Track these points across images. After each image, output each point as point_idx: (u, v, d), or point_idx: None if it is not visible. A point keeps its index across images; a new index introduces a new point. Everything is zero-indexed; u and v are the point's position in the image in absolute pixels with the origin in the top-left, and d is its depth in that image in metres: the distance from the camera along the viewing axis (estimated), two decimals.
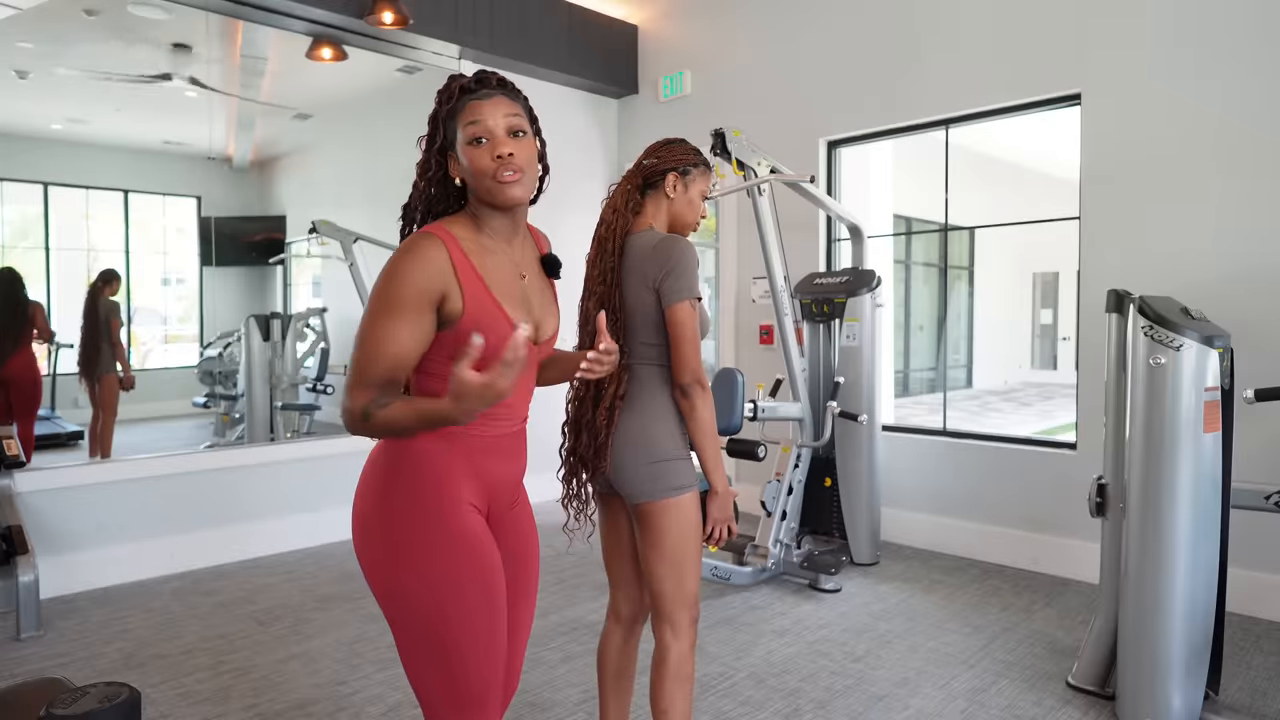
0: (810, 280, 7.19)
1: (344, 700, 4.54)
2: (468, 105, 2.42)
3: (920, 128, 7.54)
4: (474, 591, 2.41)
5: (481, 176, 2.40)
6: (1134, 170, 6.15)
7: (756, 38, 8.56)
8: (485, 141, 2.39)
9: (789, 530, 6.49)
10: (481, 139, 2.39)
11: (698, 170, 3.40)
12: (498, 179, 2.39)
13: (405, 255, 2.33)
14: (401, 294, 2.28)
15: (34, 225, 7.04)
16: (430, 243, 2.35)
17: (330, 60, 7.91)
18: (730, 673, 4.85)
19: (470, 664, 2.41)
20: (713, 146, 6.48)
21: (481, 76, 2.47)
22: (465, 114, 2.42)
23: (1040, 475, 6.68)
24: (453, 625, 2.39)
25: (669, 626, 3.16)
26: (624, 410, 3.14)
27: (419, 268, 2.30)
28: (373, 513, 2.45)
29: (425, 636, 2.41)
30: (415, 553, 2.39)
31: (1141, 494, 4.06)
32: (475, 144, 2.40)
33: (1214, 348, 3.95)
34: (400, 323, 2.27)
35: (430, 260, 2.32)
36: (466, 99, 2.43)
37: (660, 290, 3.09)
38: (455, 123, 2.44)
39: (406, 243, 2.39)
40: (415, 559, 2.39)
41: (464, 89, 2.45)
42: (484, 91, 2.44)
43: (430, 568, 2.38)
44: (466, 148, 2.41)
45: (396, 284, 2.29)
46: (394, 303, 2.28)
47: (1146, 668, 4.04)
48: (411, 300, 2.28)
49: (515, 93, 2.51)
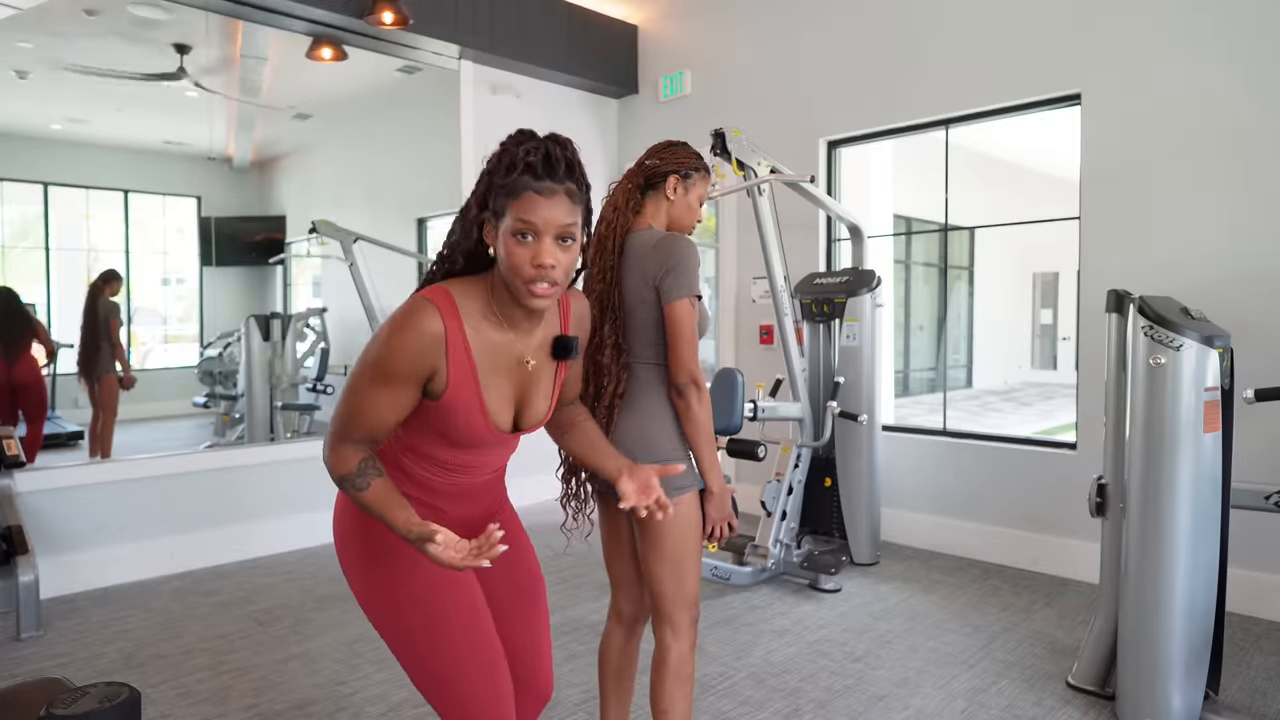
0: (810, 280, 7.19)
1: (344, 700, 4.54)
2: (525, 194, 2.21)
3: (920, 128, 7.54)
4: (437, 609, 2.46)
5: (514, 275, 2.23)
6: (1134, 170, 6.15)
7: (756, 38, 8.56)
8: (529, 240, 2.21)
9: (789, 530, 6.49)
10: (527, 235, 2.21)
11: (698, 175, 3.42)
12: (531, 287, 2.23)
13: (402, 324, 2.24)
14: (390, 366, 2.24)
15: (34, 225, 7.04)
16: (428, 315, 2.24)
17: (330, 60, 7.91)
18: (730, 673, 4.86)
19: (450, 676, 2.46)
20: (713, 146, 6.48)
21: (550, 156, 2.24)
22: (520, 202, 2.21)
23: (1040, 475, 6.68)
24: (421, 640, 2.46)
25: (669, 627, 3.16)
26: (623, 409, 3.15)
27: (410, 343, 2.22)
28: (345, 546, 2.57)
29: (409, 654, 2.50)
30: (380, 580, 2.50)
31: (1141, 494, 4.06)
32: (519, 239, 2.21)
33: (1214, 348, 3.94)
34: (384, 393, 2.26)
35: (423, 336, 2.23)
36: (528, 183, 2.21)
37: (660, 287, 3.10)
38: (507, 202, 2.22)
39: (408, 305, 2.27)
40: (381, 585, 2.49)
41: (529, 168, 2.21)
42: (548, 185, 2.22)
43: (393, 593, 2.48)
44: (509, 238, 2.21)
45: (387, 354, 2.24)
46: (381, 372, 2.24)
47: (1146, 667, 4.04)
48: (398, 375, 2.24)
49: (580, 185, 2.30)
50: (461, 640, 2.45)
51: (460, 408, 2.32)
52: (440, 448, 2.44)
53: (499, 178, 2.25)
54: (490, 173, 2.28)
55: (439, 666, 2.45)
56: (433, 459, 2.46)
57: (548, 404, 2.55)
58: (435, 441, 2.43)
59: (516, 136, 2.29)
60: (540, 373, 2.50)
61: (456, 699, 2.46)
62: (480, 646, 2.48)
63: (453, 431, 2.38)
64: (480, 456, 2.50)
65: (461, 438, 2.39)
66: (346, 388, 2.30)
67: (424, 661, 2.47)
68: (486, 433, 2.40)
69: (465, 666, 2.45)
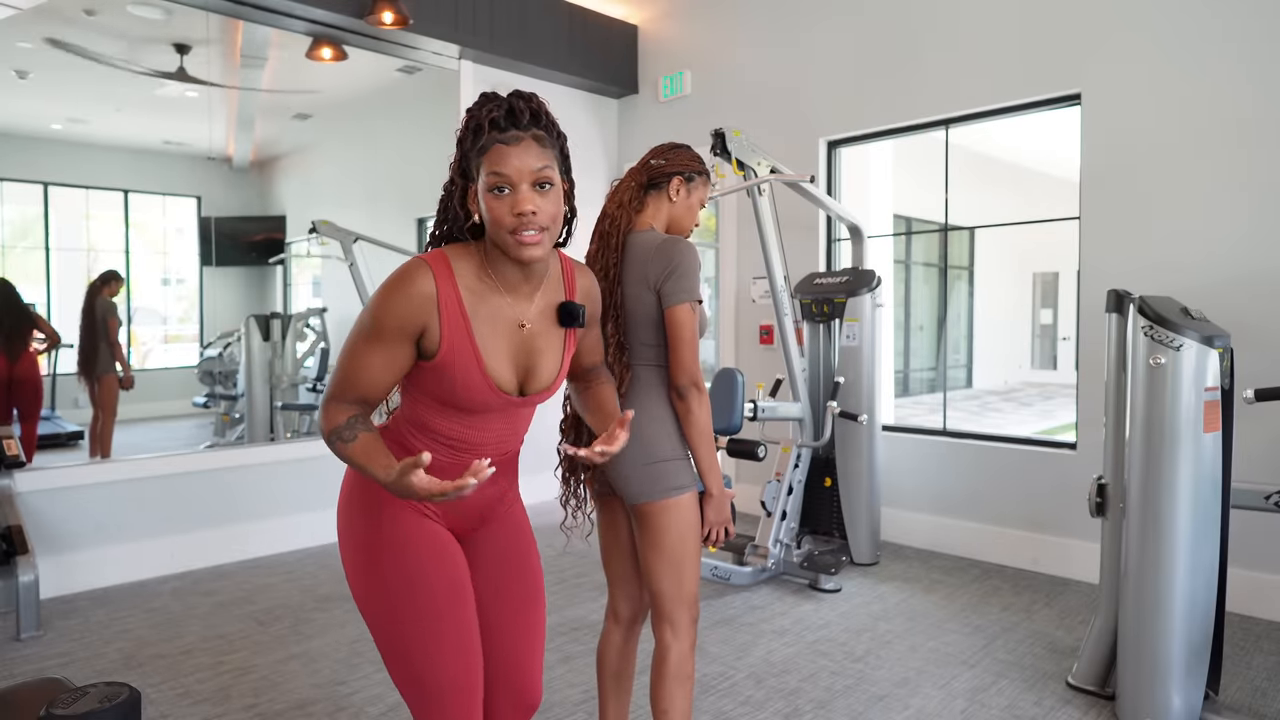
0: (810, 280, 7.19)
1: (344, 700, 4.54)
2: (493, 147, 2.25)
3: (920, 128, 7.54)
4: (421, 590, 2.44)
5: (497, 229, 2.26)
6: (1134, 170, 6.15)
7: (756, 38, 8.56)
8: (506, 192, 2.24)
9: (789, 530, 6.49)
10: (503, 189, 2.23)
11: (700, 178, 3.44)
12: (516, 237, 2.24)
13: (394, 283, 2.29)
14: (381, 323, 2.27)
15: (34, 225, 7.04)
16: (421, 273, 2.28)
17: (330, 60, 7.92)
18: (730, 673, 4.86)
19: (419, 656, 2.44)
20: (713, 146, 6.48)
21: (513, 109, 2.27)
22: (489, 156, 2.25)
23: (1040, 475, 6.68)
24: (401, 621, 2.44)
25: (669, 626, 3.16)
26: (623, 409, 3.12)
27: (401, 300, 2.26)
28: (340, 520, 2.59)
29: (386, 637, 2.49)
30: (367, 556, 2.49)
31: (1141, 494, 4.06)
32: (496, 193, 2.24)
33: (1214, 348, 3.94)
34: (376, 351, 2.29)
35: (414, 293, 2.26)
36: (494, 138, 2.25)
37: (661, 291, 3.09)
38: (478, 161, 2.27)
39: (401, 268, 2.31)
40: (367, 562, 2.49)
41: (493, 123, 2.25)
42: (513, 134, 2.25)
43: (377, 569, 2.47)
44: (487, 195, 2.25)
45: (379, 312, 2.28)
46: (374, 330, 2.28)
47: (1146, 667, 4.04)
48: (389, 331, 2.27)
49: (549, 131, 2.34)
50: (439, 619, 2.44)
51: (458, 365, 2.33)
52: (446, 418, 2.43)
53: (469, 143, 2.31)
54: (460, 141, 2.34)
55: (409, 643, 2.44)
56: (440, 435, 2.45)
57: (556, 371, 2.54)
58: (440, 411, 2.42)
59: (479, 100, 2.33)
60: (542, 338, 2.50)
61: (420, 680, 2.44)
62: (456, 630, 2.46)
63: (454, 394, 2.37)
64: (487, 427, 2.48)
65: (463, 400, 2.38)
66: (343, 349, 2.34)
67: (395, 637, 2.46)
68: (489, 393, 2.38)
69: (435, 646, 2.43)
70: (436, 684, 2.43)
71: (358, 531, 2.51)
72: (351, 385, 2.30)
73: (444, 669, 2.43)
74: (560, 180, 2.35)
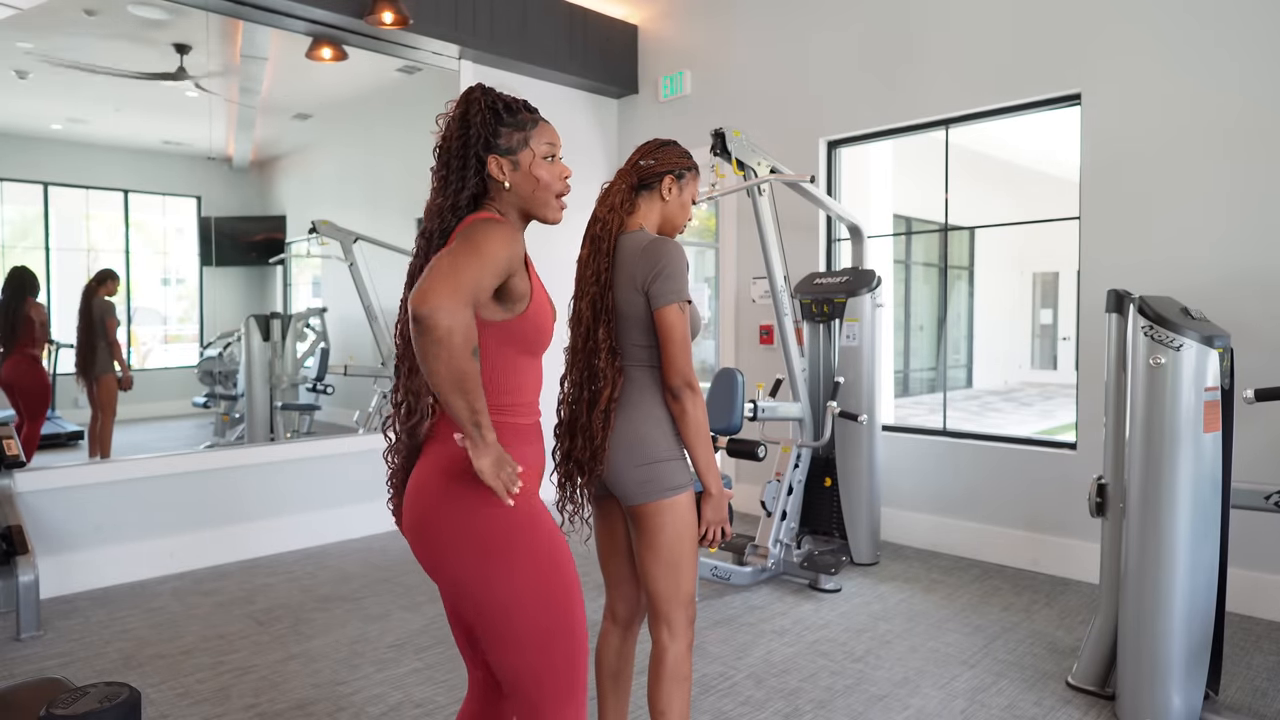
0: (810, 280, 7.19)
1: (344, 700, 4.54)
2: (541, 124, 2.61)
3: (920, 128, 7.54)
4: (570, 573, 2.51)
5: (548, 190, 2.59)
6: (1134, 170, 6.16)
7: (756, 38, 8.56)
8: (554, 161, 2.61)
9: (789, 530, 6.49)
10: (553, 156, 2.60)
11: (690, 174, 3.42)
12: (560, 200, 2.63)
13: (495, 228, 2.37)
14: (495, 253, 2.30)
15: (34, 225, 7.04)
16: (510, 226, 2.45)
17: (330, 60, 7.92)
18: (730, 673, 4.85)
19: (577, 648, 2.48)
20: (713, 146, 6.48)
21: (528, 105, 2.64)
22: (540, 131, 2.59)
23: (1040, 475, 6.68)
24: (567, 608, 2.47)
25: (666, 627, 3.16)
26: (619, 412, 3.13)
27: (509, 241, 2.36)
28: (457, 524, 2.40)
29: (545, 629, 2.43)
30: (517, 550, 2.40)
31: (1141, 494, 4.07)
32: (549, 160, 2.59)
33: (1214, 348, 3.95)
34: (488, 270, 2.28)
35: (515, 239, 2.39)
36: (536, 118, 2.62)
37: (649, 293, 3.08)
38: (526, 134, 2.57)
39: (490, 221, 2.41)
40: (520, 557, 2.41)
41: (523, 105, 2.61)
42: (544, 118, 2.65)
43: (535, 561, 2.42)
44: (540, 161, 2.57)
45: (491, 245, 2.31)
46: (487, 255, 2.28)
47: (1146, 668, 4.04)
48: (499, 260, 2.31)
49: None
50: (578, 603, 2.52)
51: (546, 308, 2.58)
52: (529, 371, 2.57)
53: (505, 118, 2.56)
54: (484, 123, 2.54)
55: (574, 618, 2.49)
56: (525, 395, 2.56)
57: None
58: (526, 365, 2.55)
59: (480, 88, 2.60)
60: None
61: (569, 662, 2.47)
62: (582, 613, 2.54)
63: (542, 334, 2.56)
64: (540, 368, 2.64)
65: (546, 340, 2.59)
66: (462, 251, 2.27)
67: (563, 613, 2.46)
68: (552, 324, 2.63)
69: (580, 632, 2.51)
70: (582, 678, 2.52)
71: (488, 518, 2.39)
72: (473, 287, 2.22)
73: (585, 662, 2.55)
74: None
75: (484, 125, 2.52)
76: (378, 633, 5.46)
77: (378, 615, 5.74)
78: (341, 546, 7.39)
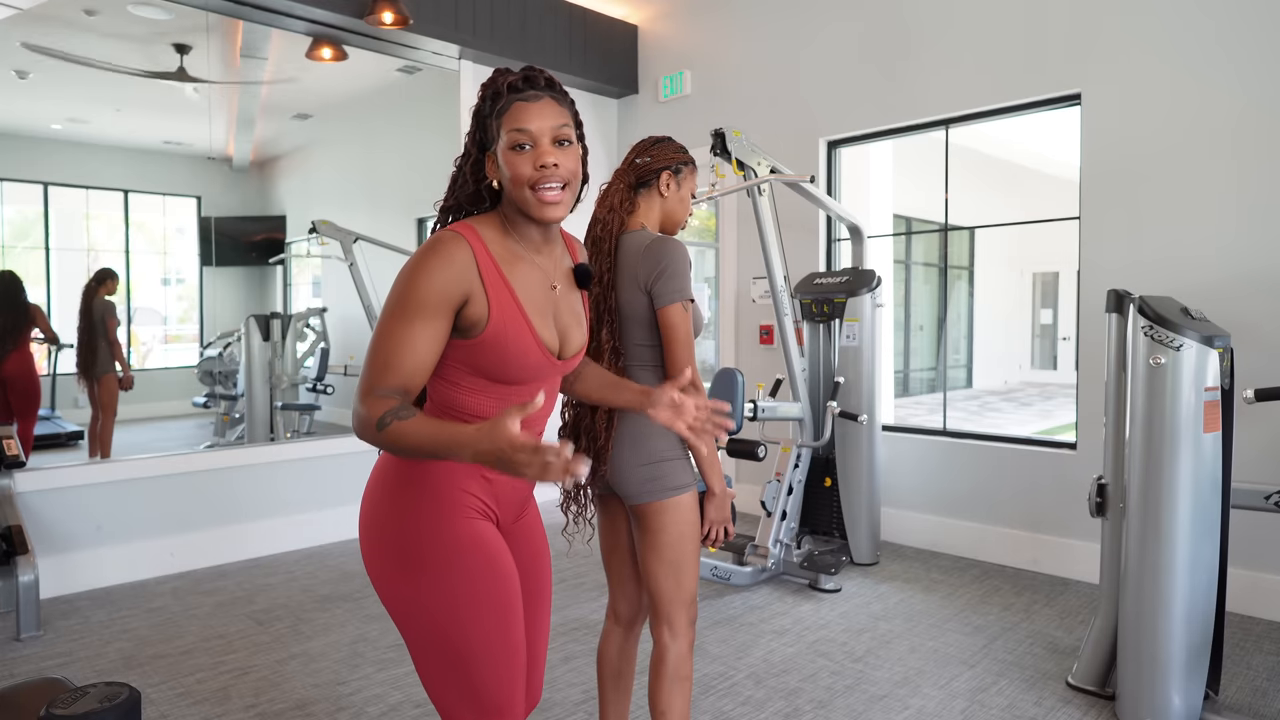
0: (810, 280, 7.19)
1: (344, 700, 4.54)
2: (513, 106, 2.29)
3: (920, 128, 7.53)
4: (488, 599, 2.32)
5: (519, 186, 2.27)
6: (1134, 170, 6.15)
7: (756, 37, 8.56)
8: (528, 148, 2.27)
9: (789, 530, 6.49)
10: (525, 145, 2.27)
11: (688, 169, 3.40)
12: (539, 194, 2.27)
13: (427, 253, 2.20)
14: (421, 295, 2.15)
15: (34, 225, 7.04)
16: (455, 242, 2.23)
17: (330, 60, 7.92)
18: (730, 673, 4.86)
19: (488, 672, 2.31)
20: (713, 146, 6.47)
21: (530, 75, 2.34)
22: (509, 115, 2.29)
23: (1040, 475, 6.68)
24: (469, 634, 2.29)
25: (667, 627, 3.15)
26: (621, 412, 3.13)
27: (441, 267, 2.18)
28: (383, 525, 2.35)
29: (442, 647, 2.31)
30: (428, 563, 2.29)
31: (1141, 494, 4.06)
32: (518, 150, 2.27)
33: (1214, 348, 3.95)
34: (418, 327, 2.15)
35: (453, 260, 2.20)
36: (513, 99, 2.30)
37: (652, 292, 3.08)
38: (498, 122, 2.30)
39: (430, 240, 2.25)
40: (428, 569, 2.29)
41: (511, 87, 2.32)
42: (531, 93, 2.31)
43: (444, 578, 2.29)
44: (508, 152, 2.27)
45: (416, 283, 2.17)
46: (412, 304, 2.15)
47: (1146, 667, 4.04)
48: (431, 302, 2.16)
49: (563, 95, 2.40)
50: (507, 634, 2.33)
51: (511, 333, 2.28)
52: (492, 396, 2.35)
53: (487, 109, 2.34)
54: (478, 112, 2.37)
55: (473, 658, 2.30)
56: (470, 417, 2.33)
57: (583, 331, 2.55)
58: (485, 390, 2.34)
59: (492, 75, 2.37)
60: (567, 299, 2.50)
61: (478, 695, 2.31)
62: (519, 647, 2.37)
63: (505, 364, 2.30)
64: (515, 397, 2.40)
65: (515, 370, 2.32)
66: (375, 335, 2.17)
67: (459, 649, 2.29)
68: (541, 357, 2.35)
69: (503, 663, 2.32)
70: (495, 703, 2.33)
71: (409, 532, 2.31)
72: (391, 371, 2.12)
73: (505, 686, 2.34)
74: (577, 143, 2.39)
75: (477, 116, 2.38)
76: (378, 633, 5.46)
77: (378, 615, 5.74)
78: (341, 546, 7.38)
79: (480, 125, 2.37)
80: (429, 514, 2.30)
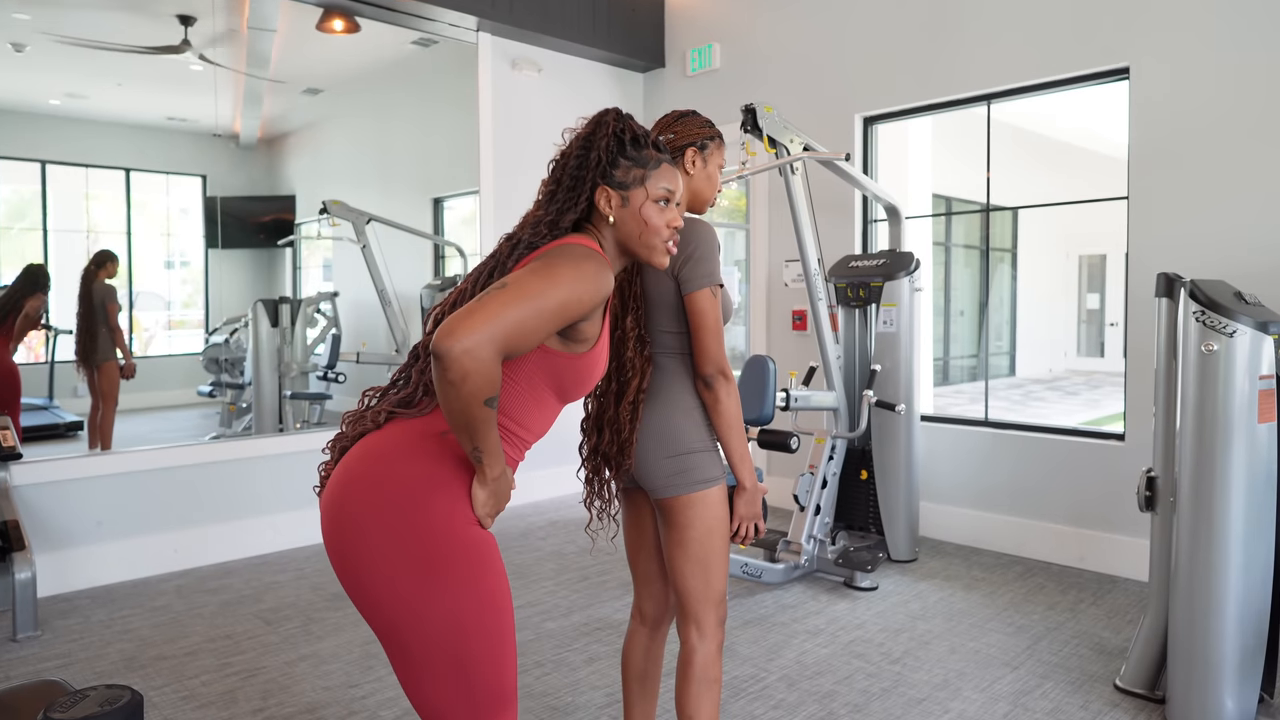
0: (845, 263, 7.17)
1: (356, 704, 4.56)
2: (663, 166, 2.64)
3: (960, 103, 7.49)
4: (507, 600, 2.43)
5: (654, 234, 2.61)
6: (1185, 148, 6.11)
7: (789, 8, 8.53)
8: (668, 206, 2.63)
9: (823, 525, 6.48)
10: (668, 201, 2.62)
11: (714, 144, 3.37)
12: (667, 246, 2.65)
13: (593, 268, 2.38)
14: (567, 293, 2.30)
15: (31, 205, 7.07)
16: (607, 270, 2.43)
17: (342, 32, 7.91)
18: (762, 675, 4.86)
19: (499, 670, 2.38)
20: (743, 123, 6.44)
21: (659, 144, 2.67)
22: (660, 174, 2.62)
23: (1087, 468, 6.65)
24: (489, 635, 2.36)
25: (695, 627, 3.14)
26: (648, 403, 3.12)
27: (596, 279, 2.37)
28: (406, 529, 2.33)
29: (454, 650, 2.33)
30: (456, 565, 2.32)
31: (1193, 487, 4.05)
32: (662, 204, 2.62)
33: (1269, 334, 3.93)
34: (547, 321, 2.27)
35: (605, 285, 2.41)
36: (661, 159, 2.64)
37: (680, 277, 3.06)
38: (644, 173, 2.60)
39: (586, 252, 2.42)
40: (456, 571, 2.32)
41: (655, 145, 2.65)
42: (668, 156, 2.70)
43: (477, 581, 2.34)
44: (651, 205, 2.59)
45: (577, 290, 2.32)
46: (561, 304, 2.28)
47: (1198, 670, 4.03)
48: (573, 302, 2.31)
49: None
50: (512, 632, 2.44)
51: (602, 354, 2.58)
52: (549, 410, 2.56)
53: (629, 151, 2.60)
54: (606, 149, 2.58)
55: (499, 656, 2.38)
56: (534, 431, 2.56)
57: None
58: (551, 403, 2.55)
59: (615, 113, 2.64)
60: None
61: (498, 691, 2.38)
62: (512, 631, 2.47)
63: (589, 382, 2.58)
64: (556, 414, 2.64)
65: (584, 385, 2.58)
66: (516, 288, 2.24)
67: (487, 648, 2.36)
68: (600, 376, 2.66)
69: (511, 658, 2.42)
70: (508, 694, 2.43)
71: (439, 534, 2.32)
72: (514, 335, 2.19)
73: (512, 679, 2.44)
74: None
75: (605, 151, 2.56)
76: None
77: None
78: None
79: (609, 161, 2.58)
80: (461, 517, 2.34)
